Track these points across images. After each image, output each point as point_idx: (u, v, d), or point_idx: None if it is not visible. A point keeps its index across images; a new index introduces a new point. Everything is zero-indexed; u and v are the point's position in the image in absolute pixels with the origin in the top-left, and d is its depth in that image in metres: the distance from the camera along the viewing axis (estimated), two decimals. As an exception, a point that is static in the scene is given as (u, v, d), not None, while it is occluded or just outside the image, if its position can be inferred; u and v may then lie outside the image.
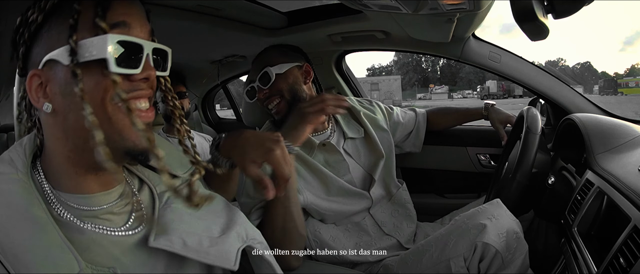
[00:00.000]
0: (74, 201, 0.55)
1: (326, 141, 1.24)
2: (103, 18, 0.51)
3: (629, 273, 0.60)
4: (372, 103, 1.45)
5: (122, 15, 0.53)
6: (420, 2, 0.79)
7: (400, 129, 1.46)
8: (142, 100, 0.55)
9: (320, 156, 1.22)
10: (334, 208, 1.18)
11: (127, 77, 0.53)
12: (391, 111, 1.47)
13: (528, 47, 75.42)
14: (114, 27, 0.52)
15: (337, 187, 1.19)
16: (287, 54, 1.25)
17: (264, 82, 1.19)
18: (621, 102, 25.79)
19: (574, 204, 0.94)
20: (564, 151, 1.26)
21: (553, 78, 1.49)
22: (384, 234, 1.24)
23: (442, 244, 0.97)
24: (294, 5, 1.47)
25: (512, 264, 0.92)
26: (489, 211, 0.96)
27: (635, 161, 0.85)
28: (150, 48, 0.54)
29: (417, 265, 1.01)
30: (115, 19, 0.52)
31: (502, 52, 1.50)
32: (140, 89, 0.54)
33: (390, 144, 1.35)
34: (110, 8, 0.52)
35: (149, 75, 0.54)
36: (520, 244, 0.93)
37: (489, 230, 0.91)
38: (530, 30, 0.69)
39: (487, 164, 1.63)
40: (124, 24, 0.53)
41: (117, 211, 0.58)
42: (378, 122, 1.36)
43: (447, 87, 59.26)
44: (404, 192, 1.34)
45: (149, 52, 0.54)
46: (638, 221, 0.65)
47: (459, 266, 0.93)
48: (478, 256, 0.91)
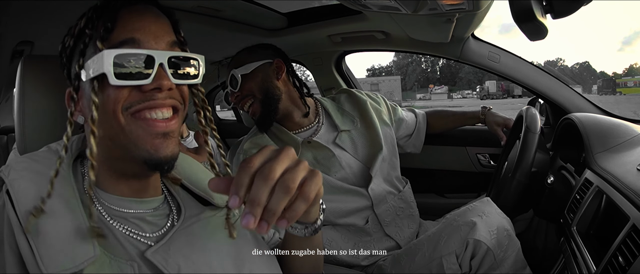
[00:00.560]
0: (106, 199, 0.58)
1: (310, 139, 1.21)
2: (105, 39, 0.54)
3: (628, 271, 0.60)
4: (378, 96, 1.42)
5: (130, 31, 0.55)
6: (419, 3, 0.80)
7: (403, 127, 1.44)
8: (158, 110, 0.55)
9: (308, 154, 1.20)
10: (328, 207, 1.15)
11: (138, 89, 0.54)
12: (395, 108, 1.45)
13: (527, 47, 75.48)
14: (122, 44, 0.54)
15: (329, 186, 1.17)
16: (255, 52, 1.23)
17: (233, 85, 1.19)
18: (620, 101, 25.83)
19: (573, 204, 0.95)
20: (563, 150, 1.27)
21: (552, 78, 1.50)
22: (385, 236, 1.22)
23: (434, 242, 0.98)
24: (294, 6, 1.47)
25: (505, 262, 0.92)
26: (479, 209, 0.97)
27: (634, 160, 0.85)
28: (165, 58, 0.54)
29: (410, 264, 1.01)
30: (121, 37, 0.54)
31: (501, 52, 1.50)
32: (153, 99, 0.55)
33: (393, 139, 1.32)
34: (116, 28, 0.55)
35: (161, 84, 0.54)
36: (512, 242, 0.93)
37: (479, 227, 0.92)
38: (529, 30, 0.69)
39: (486, 163, 1.64)
40: (133, 41, 0.55)
41: (150, 220, 0.60)
42: (382, 115, 1.34)
43: (447, 87, 59.26)
44: (409, 190, 1.32)
45: (163, 61, 0.54)
46: (637, 220, 0.65)
47: (451, 263, 0.93)
48: (470, 253, 0.91)
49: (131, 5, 0.57)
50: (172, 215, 0.63)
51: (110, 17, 0.55)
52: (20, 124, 0.67)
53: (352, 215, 1.20)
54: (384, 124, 1.32)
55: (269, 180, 0.45)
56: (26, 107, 0.67)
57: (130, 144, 0.54)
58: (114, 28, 0.54)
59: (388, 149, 1.27)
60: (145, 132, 0.54)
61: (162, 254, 0.56)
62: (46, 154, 0.59)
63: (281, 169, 0.47)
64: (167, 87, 0.55)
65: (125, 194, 0.59)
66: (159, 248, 0.56)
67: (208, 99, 2.65)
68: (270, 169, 0.46)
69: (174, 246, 0.58)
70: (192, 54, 0.59)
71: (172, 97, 0.56)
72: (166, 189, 0.67)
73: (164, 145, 0.55)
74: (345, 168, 1.22)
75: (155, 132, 0.54)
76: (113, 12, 0.55)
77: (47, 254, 0.48)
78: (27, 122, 0.67)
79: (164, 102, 0.55)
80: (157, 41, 0.56)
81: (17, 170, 0.54)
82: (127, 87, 0.53)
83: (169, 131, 0.56)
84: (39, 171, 0.55)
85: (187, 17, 1.23)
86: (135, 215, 0.59)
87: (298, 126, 1.24)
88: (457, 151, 1.68)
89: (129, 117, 0.54)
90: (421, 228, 1.32)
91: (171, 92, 0.56)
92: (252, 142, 1.20)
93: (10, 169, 0.54)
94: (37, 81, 0.67)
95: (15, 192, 0.52)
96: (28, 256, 0.48)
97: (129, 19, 0.55)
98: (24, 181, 0.53)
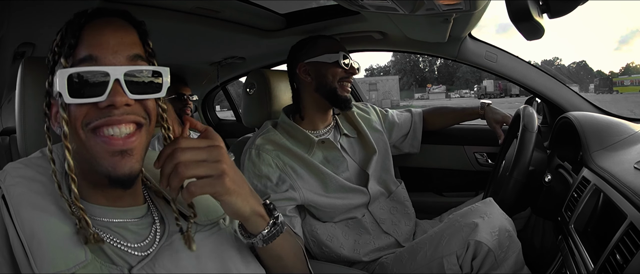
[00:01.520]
0: (89, 209, 0.58)
1: (325, 138, 1.25)
2: (68, 56, 0.55)
3: (626, 269, 0.61)
4: (367, 105, 1.48)
5: (88, 48, 0.55)
6: (417, 3, 0.80)
7: (396, 130, 1.49)
8: (116, 126, 0.54)
9: (320, 154, 1.24)
10: (333, 204, 1.19)
11: (94, 105, 0.54)
12: (386, 113, 1.50)
13: (524, 46, 75.66)
14: (82, 62, 0.55)
15: (336, 185, 1.20)
16: None
17: (347, 65, 1.25)
18: (617, 100, 25.94)
19: (571, 202, 0.95)
20: (560, 149, 1.27)
21: (549, 77, 1.50)
22: (383, 232, 1.25)
23: (435, 242, 0.99)
24: (292, 6, 1.48)
25: (505, 262, 0.93)
26: (482, 210, 0.97)
27: (631, 158, 0.86)
28: (121, 73, 0.53)
29: (411, 263, 1.02)
30: (82, 54, 0.55)
31: (498, 52, 1.51)
32: (109, 116, 0.54)
33: (386, 143, 1.38)
34: (78, 45, 0.55)
35: (114, 101, 0.53)
36: (513, 243, 0.94)
37: (481, 228, 0.92)
38: (526, 29, 0.69)
39: (484, 162, 1.64)
40: (90, 58, 0.55)
41: (133, 229, 0.60)
42: (372, 123, 1.40)
43: (445, 86, 59.35)
44: (402, 191, 1.36)
45: (119, 77, 0.53)
46: (634, 217, 0.65)
47: (451, 263, 0.94)
48: (471, 254, 0.92)
49: (96, 19, 0.57)
50: (155, 226, 0.63)
51: (74, 34, 0.55)
52: (21, 125, 0.67)
53: (352, 210, 1.24)
54: (375, 130, 1.38)
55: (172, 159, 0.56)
56: (27, 108, 0.67)
57: (92, 159, 0.55)
58: (77, 44, 0.55)
59: (381, 153, 1.33)
60: (103, 150, 0.54)
61: (147, 270, 0.57)
62: (39, 160, 0.60)
63: (187, 157, 0.56)
64: (123, 103, 0.54)
65: (103, 203, 0.60)
66: (144, 265, 0.57)
67: (208, 99, 2.66)
68: (180, 152, 0.56)
69: (159, 263, 0.58)
70: (153, 67, 0.58)
71: (132, 112, 0.56)
72: (150, 198, 0.67)
73: (122, 163, 0.55)
74: (349, 169, 1.28)
75: (112, 150, 0.54)
76: (79, 29, 0.55)
77: (40, 255, 0.50)
78: (28, 123, 0.67)
79: (121, 119, 0.55)
80: (115, 56, 0.55)
81: (12, 176, 0.56)
82: (85, 104, 0.54)
83: (127, 148, 0.55)
84: (33, 177, 0.56)
85: (186, 19, 1.23)
86: (118, 224, 0.59)
87: (313, 127, 1.29)
88: (455, 150, 1.68)
89: (89, 133, 0.54)
90: (418, 227, 1.33)
91: (130, 108, 0.55)
92: (264, 138, 1.22)
93: (6, 175, 0.56)
94: (38, 83, 0.68)
95: (10, 197, 0.53)
96: (21, 258, 0.50)
97: (90, 34, 0.55)
98: (19, 187, 0.54)
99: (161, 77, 0.58)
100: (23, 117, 0.67)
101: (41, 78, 0.67)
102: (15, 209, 0.52)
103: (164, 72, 0.58)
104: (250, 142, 1.24)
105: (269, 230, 0.65)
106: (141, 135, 0.57)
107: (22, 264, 0.50)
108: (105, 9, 0.59)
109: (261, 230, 0.64)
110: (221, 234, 0.67)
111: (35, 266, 0.49)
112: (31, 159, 0.60)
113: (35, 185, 0.55)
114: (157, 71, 0.58)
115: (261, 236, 0.64)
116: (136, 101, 0.56)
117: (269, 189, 1.13)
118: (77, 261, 0.51)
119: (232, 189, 0.58)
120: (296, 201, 1.15)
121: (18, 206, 0.52)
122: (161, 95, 0.59)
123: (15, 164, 0.58)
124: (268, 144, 1.20)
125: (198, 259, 0.62)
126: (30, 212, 0.52)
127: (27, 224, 0.51)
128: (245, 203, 0.61)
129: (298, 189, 1.15)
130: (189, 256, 0.61)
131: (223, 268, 0.63)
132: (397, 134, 1.49)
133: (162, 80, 0.58)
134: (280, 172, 1.16)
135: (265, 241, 0.64)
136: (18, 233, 0.50)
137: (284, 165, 1.17)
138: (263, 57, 1.94)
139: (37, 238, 0.50)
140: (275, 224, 0.65)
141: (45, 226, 0.52)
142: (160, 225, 0.64)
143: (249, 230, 0.65)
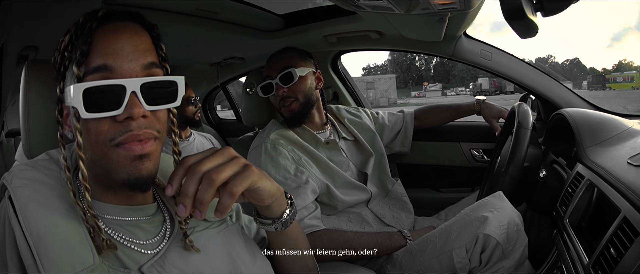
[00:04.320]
0: (100, 208, 0.59)
1: (329, 139, 1.30)
2: (81, 64, 0.53)
3: (620, 262, 0.61)
4: (359, 110, 1.52)
5: (103, 57, 0.54)
6: (412, 3, 0.81)
7: (387, 131, 1.53)
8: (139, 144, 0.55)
9: (324, 154, 1.27)
10: (341, 198, 1.23)
11: (112, 118, 0.54)
12: (376, 116, 1.55)
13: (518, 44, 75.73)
14: (95, 71, 0.53)
15: (342, 181, 1.25)
16: (306, 58, 1.31)
17: (286, 81, 1.24)
18: (609, 97, 26.09)
19: (565, 197, 0.97)
20: (554, 145, 1.29)
21: (543, 74, 1.52)
22: (385, 225, 1.28)
23: (445, 235, 1.00)
24: (290, 7, 1.49)
25: (512, 255, 0.94)
26: (492, 204, 0.99)
27: (624, 153, 0.87)
28: (137, 86, 0.53)
29: (420, 255, 1.04)
30: (96, 62, 0.54)
31: (493, 50, 1.52)
32: (130, 130, 0.54)
33: (380, 145, 1.42)
34: (91, 52, 0.54)
35: (132, 113, 0.53)
36: (521, 236, 0.95)
37: (490, 222, 0.94)
38: (520, 28, 0.70)
39: (480, 158, 1.66)
40: (105, 68, 0.53)
41: (144, 227, 0.61)
42: (364, 126, 1.44)
43: (441, 84, 59.32)
44: (399, 187, 1.39)
45: (136, 89, 0.53)
46: (627, 212, 0.66)
47: (461, 256, 0.95)
48: (480, 247, 0.94)
49: (108, 22, 0.56)
50: (166, 224, 0.64)
51: (86, 40, 0.54)
52: (25, 127, 0.67)
53: (354, 206, 1.28)
54: (368, 132, 1.43)
55: (195, 173, 0.53)
56: (31, 110, 0.67)
57: (111, 168, 0.55)
58: (89, 51, 0.54)
59: (377, 154, 1.38)
60: (123, 157, 0.54)
61: (157, 268, 0.57)
62: (46, 163, 0.60)
63: (210, 165, 0.54)
64: (140, 115, 0.54)
65: (115, 202, 0.60)
66: (154, 262, 0.57)
67: (208, 100, 2.67)
68: (199, 164, 0.53)
69: (168, 261, 0.59)
70: (168, 77, 0.58)
71: (149, 126, 0.56)
72: (159, 196, 0.67)
73: (141, 167, 0.55)
74: (351, 169, 1.32)
75: (132, 156, 0.54)
76: (90, 33, 0.54)
77: (47, 256, 0.50)
78: (32, 125, 0.68)
79: (142, 134, 0.55)
80: (130, 65, 0.55)
81: (19, 178, 0.56)
82: (103, 118, 0.53)
83: (145, 153, 0.55)
84: (40, 180, 0.57)
85: (186, 20, 1.23)
86: (130, 222, 0.60)
87: (316, 128, 1.33)
88: (451, 146, 1.70)
89: (113, 147, 0.54)
90: (417, 223, 1.35)
91: (147, 120, 0.55)
92: (277, 133, 1.26)
93: (13, 177, 0.56)
94: (41, 85, 0.68)
95: (17, 199, 0.53)
96: (28, 259, 0.50)
97: (104, 41, 0.54)
98: (26, 189, 0.54)
99: (176, 86, 0.58)
100: (27, 120, 0.67)
101: (44, 81, 0.68)
102: (22, 210, 0.52)
103: (179, 81, 0.58)
104: (262, 137, 1.28)
105: (291, 208, 0.66)
106: (157, 142, 0.58)
107: (29, 266, 0.50)
108: (117, 11, 0.57)
109: (284, 209, 0.65)
110: (229, 231, 0.68)
111: (42, 267, 0.49)
112: (38, 161, 0.61)
113: (42, 187, 0.56)
114: (173, 81, 0.58)
115: (286, 215, 0.65)
116: (151, 113, 0.56)
117: (288, 179, 1.15)
118: (84, 264, 0.51)
119: (261, 174, 0.59)
120: (315, 192, 1.17)
121: (25, 208, 0.52)
122: (177, 104, 0.59)
123: (22, 166, 0.59)
124: (282, 139, 1.24)
125: (207, 256, 0.62)
126: (37, 214, 0.52)
127: (34, 226, 0.51)
128: (273, 184, 0.62)
129: (315, 179, 1.18)
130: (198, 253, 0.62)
131: (231, 264, 0.64)
132: (388, 135, 1.54)
133: (177, 89, 0.59)
134: (296, 164, 1.20)
135: (285, 223, 0.66)
136: (25, 234, 0.51)
137: (299, 158, 1.21)
138: (262, 57, 1.92)
139: (44, 240, 0.50)
140: (292, 203, 0.68)
141: (52, 228, 0.52)
142: (170, 223, 0.64)
143: (271, 215, 0.65)
